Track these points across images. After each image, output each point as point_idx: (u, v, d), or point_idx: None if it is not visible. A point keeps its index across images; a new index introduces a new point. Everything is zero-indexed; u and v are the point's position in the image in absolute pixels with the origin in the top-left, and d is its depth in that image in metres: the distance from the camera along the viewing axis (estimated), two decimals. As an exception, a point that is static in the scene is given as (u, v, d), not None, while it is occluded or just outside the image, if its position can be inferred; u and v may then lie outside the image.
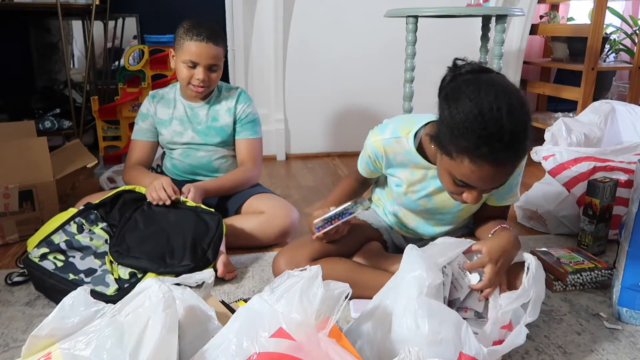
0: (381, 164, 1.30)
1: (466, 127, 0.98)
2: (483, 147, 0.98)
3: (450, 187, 1.11)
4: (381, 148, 1.27)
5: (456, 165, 1.04)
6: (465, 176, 1.04)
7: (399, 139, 1.25)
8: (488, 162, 0.99)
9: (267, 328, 0.82)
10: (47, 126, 2.69)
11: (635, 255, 1.22)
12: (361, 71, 2.92)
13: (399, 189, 1.32)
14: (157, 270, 1.34)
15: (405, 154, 1.25)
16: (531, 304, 1.04)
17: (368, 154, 1.31)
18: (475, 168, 1.01)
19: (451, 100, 1.02)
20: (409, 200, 1.33)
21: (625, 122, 2.01)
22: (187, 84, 1.68)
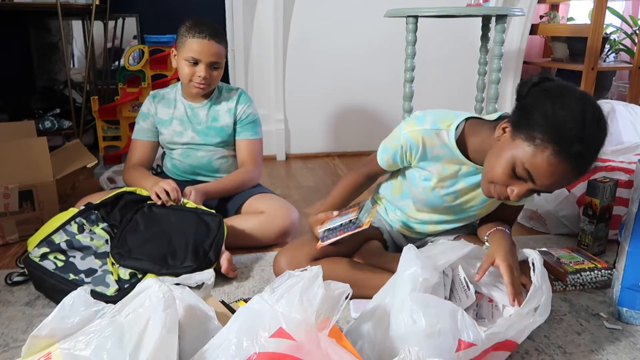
0: (413, 156, 1.26)
1: (567, 121, 1.00)
2: (576, 145, 1.00)
3: (502, 176, 1.08)
4: (419, 138, 1.22)
5: (532, 153, 1.03)
6: (535, 166, 1.03)
7: (439, 131, 1.21)
8: (569, 161, 1.01)
9: (267, 328, 0.82)
10: (47, 126, 2.69)
11: (635, 255, 1.22)
12: (361, 71, 2.92)
13: (426, 183, 1.28)
14: (159, 272, 1.34)
15: (443, 147, 1.22)
16: (543, 303, 1.03)
17: (400, 144, 1.25)
18: (553, 161, 1.01)
19: (555, 95, 1.04)
20: (436, 195, 1.29)
21: (625, 122, 2.01)
22: (188, 82, 1.68)
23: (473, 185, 1.27)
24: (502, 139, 1.11)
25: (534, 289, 1.04)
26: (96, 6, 2.56)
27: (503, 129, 1.11)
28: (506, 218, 1.34)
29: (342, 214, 1.30)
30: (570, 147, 1.00)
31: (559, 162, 1.01)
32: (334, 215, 1.32)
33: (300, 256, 1.34)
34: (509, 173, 1.07)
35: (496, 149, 1.11)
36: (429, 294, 0.97)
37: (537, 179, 1.05)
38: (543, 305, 1.03)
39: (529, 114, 1.05)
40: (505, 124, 1.11)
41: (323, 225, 1.32)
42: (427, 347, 0.89)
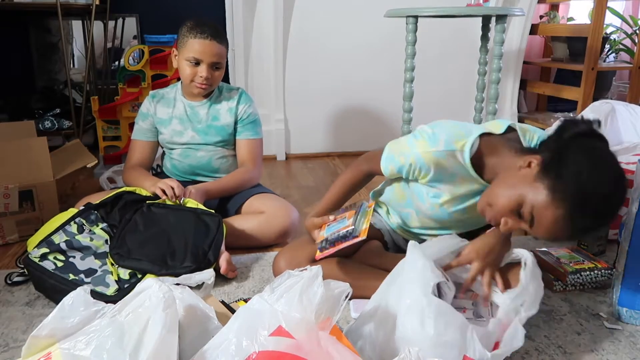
0: (422, 174, 1.21)
1: (595, 194, 0.99)
2: (589, 220, 1.01)
3: (505, 207, 1.06)
4: (432, 161, 1.16)
5: (546, 204, 1.00)
6: (542, 216, 1.01)
7: (453, 152, 1.15)
8: (573, 228, 1.01)
9: (267, 327, 0.82)
10: (47, 126, 2.69)
11: (635, 255, 1.22)
12: (361, 71, 2.92)
13: (435, 200, 1.25)
14: (158, 272, 1.34)
15: (458, 168, 1.17)
16: (529, 299, 1.04)
17: (409, 162, 1.20)
18: (560, 221, 1.00)
19: (595, 162, 1.02)
20: (443, 212, 1.26)
21: (625, 122, 2.00)
22: (190, 82, 1.68)
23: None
24: (523, 172, 1.06)
25: (520, 286, 1.04)
26: (96, 6, 2.56)
27: (529, 163, 1.06)
28: None
29: (339, 219, 1.28)
30: (583, 218, 1.00)
31: (564, 225, 1.01)
32: (331, 219, 1.30)
33: (300, 257, 1.34)
34: (513, 208, 1.05)
35: (512, 178, 1.08)
36: (443, 302, 0.96)
37: (537, 226, 1.04)
38: (529, 302, 1.04)
39: (563, 166, 1.01)
40: (533, 159, 1.07)
41: (321, 230, 1.30)
42: (430, 355, 0.89)
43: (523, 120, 3.24)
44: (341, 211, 1.36)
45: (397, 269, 1.07)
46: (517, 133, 1.18)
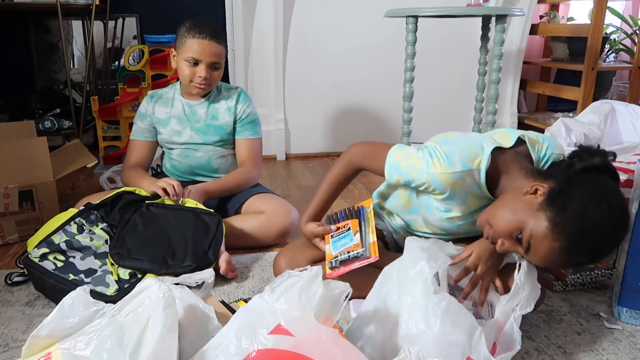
0: (436, 193, 1.18)
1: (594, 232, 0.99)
2: (585, 257, 1.03)
3: (504, 230, 1.06)
4: (449, 183, 1.13)
5: (544, 235, 1.01)
6: (538, 245, 1.02)
7: (470, 172, 1.12)
8: (568, 260, 1.03)
9: (266, 325, 0.82)
10: (47, 126, 2.69)
11: (635, 255, 1.22)
12: (361, 71, 2.92)
13: (444, 214, 1.23)
14: (158, 272, 1.34)
15: (472, 187, 1.15)
16: (524, 299, 1.04)
17: (423, 181, 1.16)
18: (556, 253, 1.01)
19: (601, 199, 1.02)
20: (452, 224, 1.25)
21: (625, 122, 2.01)
22: (189, 82, 1.68)
23: None
24: (528, 199, 1.06)
25: (515, 287, 1.05)
26: (96, 6, 2.56)
27: (536, 190, 1.06)
28: None
29: (343, 231, 1.26)
30: (579, 254, 1.01)
31: (559, 256, 1.02)
32: (333, 229, 1.29)
33: (300, 258, 1.33)
34: (512, 233, 1.05)
35: (516, 202, 1.07)
36: (454, 300, 0.96)
37: (532, 253, 1.04)
38: (524, 301, 1.04)
39: (568, 200, 1.01)
40: (540, 186, 1.06)
41: (325, 242, 1.28)
42: (432, 354, 0.89)
43: (523, 120, 3.24)
44: (340, 218, 1.33)
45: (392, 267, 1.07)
46: (527, 146, 1.17)
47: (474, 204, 1.19)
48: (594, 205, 1.00)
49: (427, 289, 0.95)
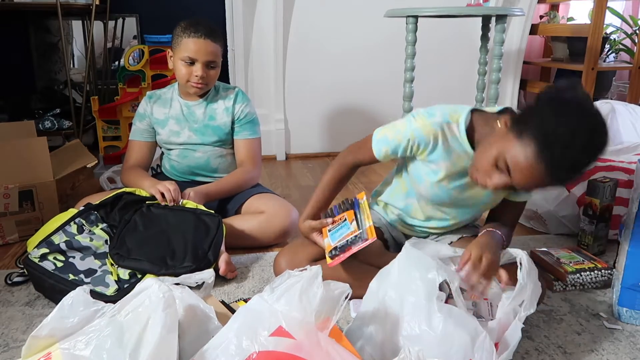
0: (421, 150, 1.24)
1: (559, 128, 1.01)
2: (557, 151, 1.01)
3: (486, 164, 1.11)
4: (430, 132, 1.22)
5: (516, 149, 1.05)
6: (515, 162, 1.06)
7: (449, 124, 1.22)
8: (546, 165, 1.03)
9: (267, 327, 0.82)
10: (47, 126, 2.69)
11: (635, 255, 1.22)
12: (361, 71, 2.92)
13: (433, 177, 1.27)
14: (158, 272, 1.34)
15: (453, 140, 1.23)
16: (527, 300, 1.04)
17: (408, 138, 1.24)
18: (532, 161, 1.04)
19: (562, 103, 1.04)
20: (442, 189, 1.28)
21: (625, 122, 2.01)
22: (186, 82, 1.68)
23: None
24: (500, 131, 1.13)
25: (519, 286, 1.04)
26: (96, 6, 2.56)
27: (505, 122, 1.13)
28: (507, 218, 1.34)
29: (339, 222, 1.29)
30: (552, 152, 1.02)
31: (536, 164, 1.03)
32: (329, 222, 1.31)
33: (301, 257, 1.34)
34: (493, 163, 1.10)
35: (492, 138, 1.14)
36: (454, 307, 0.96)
37: (514, 174, 1.08)
38: (527, 301, 1.04)
39: (531, 114, 1.07)
40: (507, 118, 1.13)
41: (323, 236, 1.31)
42: (433, 354, 0.89)
43: (523, 120, 3.23)
44: (335, 212, 1.36)
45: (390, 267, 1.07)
46: (513, 110, 1.21)
47: (457, 164, 1.24)
48: (557, 108, 1.03)
49: (432, 291, 0.95)
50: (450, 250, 1.16)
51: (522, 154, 1.04)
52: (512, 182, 1.09)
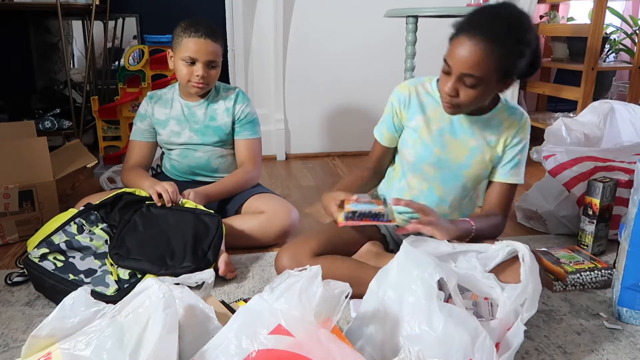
0: (402, 109, 1.41)
1: (476, 13, 1.24)
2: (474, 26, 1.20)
3: (441, 75, 1.27)
4: (406, 89, 1.41)
5: (450, 47, 1.24)
6: (449, 53, 1.23)
7: (423, 82, 1.42)
8: (463, 35, 1.20)
9: (266, 325, 0.82)
10: (47, 126, 2.69)
11: (635, 255, 1.22)
12: (361, 71, 2.92)
13: (414, 135, 1.40)
14: (157, 272, 1.34)
15: (427, 95, 1.40)
16: (528, 299, 1.04)
17: (391, 103, 1.42)
18: (456, 42, 1.22)
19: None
20: (424, 146, 1.39)
21: (625, 122, 2.01)
22: (187, 82, 1.68)
23: (457, 137, 1.38)
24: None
25: (521, 286, 1.04)
26: (96, 6, 2.56)
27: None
28: (494, 203, 1.40)
29: (363, 202, 1.28)
30: (470, 27, 1.20)
31: (463, 41, 1.20)
32: (354, 198, 1.29)
33: (302, 252, 1.34)
34: (444, 70, 1.26)
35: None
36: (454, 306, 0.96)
37: (451, 64, 1.22)
38: (529, 300, 1.03)
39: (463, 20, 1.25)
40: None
41: (345, 205, 1.29)
42: (433, 354, 0.89)
43: (523, 120, 3.24)
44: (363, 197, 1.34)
45: (389, 267, 1.07)
46: None
47: (433, 115, 1.39)
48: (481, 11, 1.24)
49: (431, 290, 0.95)
50: (449, 247, 1.15)
51: (452, 44, 1.23)
52: (455, 75, 1.21)
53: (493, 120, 1.39)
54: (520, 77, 1.29)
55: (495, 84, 1.24)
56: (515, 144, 1.39)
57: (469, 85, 1.22)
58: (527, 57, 1.22)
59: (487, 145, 1.38)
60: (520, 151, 1.39)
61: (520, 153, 1.40)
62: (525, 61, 1.23)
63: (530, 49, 1.21)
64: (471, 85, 1.21)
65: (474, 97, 1.23)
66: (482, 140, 1.38)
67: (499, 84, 1.25)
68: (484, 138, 1.38)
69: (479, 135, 1.38)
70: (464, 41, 1.19)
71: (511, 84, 1.28)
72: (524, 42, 1.19)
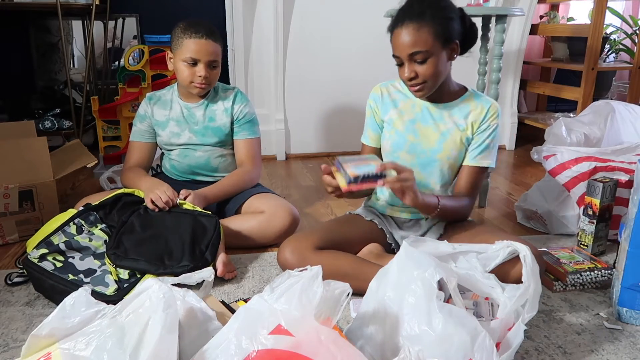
0: (378, 109, 1.51)
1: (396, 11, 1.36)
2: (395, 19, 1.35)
3: (399, 71, 1.37)
4: (378, 90, 1.52)
5: (392, 44, 1.36)
6: (394, 47, 1.36)
7: (393, 82, 1.53)
8: (397, 27, 1.33)
9: (266, 325, 0.82)
10: (47, 126, 2.69)
11: (635, 255, 1.22)
12: (361, 71, 2.92)
13: (389, 127, 1.49)
14: (155, 272, 1.34)
15: (397, 92, 1.51)
16: (529, 300, 1.04)
17: (369, 106, 1.53)
18: (393, 37, 1.35)
19: None
20: (398, 134, 1.47)
21: (625, 122, 2.00)
22: (189, 83, 1.67)
23: (427, 125, 1.46)
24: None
25: (523, 287, 1.04)
26: (96, 6, 2.56)
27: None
28: (461, 185, 1.47)
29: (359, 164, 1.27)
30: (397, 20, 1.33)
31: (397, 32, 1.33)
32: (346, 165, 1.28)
33: (305, 246, 1.34)
34: (397, 66, 1.37)
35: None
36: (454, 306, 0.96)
37: (398, 54, 1.34)
38: (530, 301, 1.03)
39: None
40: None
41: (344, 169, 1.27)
42: (433, 354, 0.89)
43: (523, 120, 3.24)
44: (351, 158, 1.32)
45: (389, 267, 1.07)
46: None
47: (405, 108, 1.48)
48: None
49: (431, 290, 0.95)
50: (450, 247, 1.15)
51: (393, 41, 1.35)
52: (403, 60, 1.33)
53: (461, 107, 1.46)
54: (464, 42, 1.41)
55: (442, 50, 1.33)
56: (484, 129, 1.45)
57: (421, 61, 1.32)
58: (456, 21, 1.36)
59: (457, 128, 1.45)
60: (489, 136, 1.45)
61: (490, 138, 1.45)
62: (457, 24, 1.36)
63: (455, 14, 1.36)
64: (422, 60, 1.32)
65: (431, 70, 1.33)
66: (451, 124, 1.45)
67: (446, 50, 1.35)
68: (454, 122, 1.45)
69: (449, 120, 1.45)
70: (398, 32, 1.33)
71: (457, 48, 1.38)
72: (445, 8, 1.34)
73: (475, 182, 1.47)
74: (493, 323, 1.02)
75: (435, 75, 1.35)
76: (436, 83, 1.38)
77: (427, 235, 1.48)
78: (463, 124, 1.45)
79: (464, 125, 1.44)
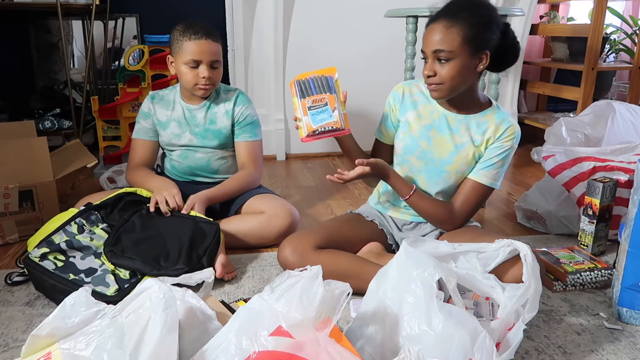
0: (397, 106, 1.49)
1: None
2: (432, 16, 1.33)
3: (424, 66, 1.34)
4: (401, 88, 1.49)
5: (423, 40, 1.33)
6: (423, 43, 1.32)
7: (417, 83, 1.49)
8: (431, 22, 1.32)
9: (267, 327, 0.82)
10: (47, 126, 2.69)
11: (635, 255, 1.22)
12: (361, 71, 2.92)
13: (405, 128, 1.47)
14: (150, 272, 1.34)
15: (419, 94, 1.47)
16: (530, 300, 1.04)
17: (388, 103, 1.51)
18: (425, 33, 1.33)
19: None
20: (412, 139, 1.45)
21: (625, 122, 2.01)
22: (193, 86, 1.66)
23: (442, 134, 1.42)
24: None
25: (524, 287, 1.04)
26: (96, 6, 2.56)
27: None
28: (458, 198, 1.43)
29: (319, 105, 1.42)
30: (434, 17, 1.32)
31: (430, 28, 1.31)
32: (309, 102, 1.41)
33: (305, 245, 1.35)
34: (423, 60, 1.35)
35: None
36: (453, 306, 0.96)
37: (424, 50, 1.32)
38: (531, 301, 1.03)
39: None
40: None
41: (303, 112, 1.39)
42: (433, 353, 0.89)
43: (523, 120, 3.24)
44: (312, 89, 1.46)
45: (388, 267, 1.07)
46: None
47: (424, 112, 1.45)
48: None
49: (431, 290, 0.95)
50: (449, 247, 1.15)
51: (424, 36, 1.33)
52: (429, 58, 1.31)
53: (481, 122, 1.41)
54: (501, 58, 1.35)
55: (469, 57, 1.29)
56: (496, 147, 1.40)
57: (443, 60, 1.29)
58: (493, 31, 1.30)
59: (472, 143, 1.41)
60: (498, 155, 1.40)
61: (498, 157, 1.40)
62: (493, 35, 1.30)
63: (496, 25, 1.30)
64: (445, 59, 1.29)
65: (451, 73, 1.29)
66: (467, 137, 1.41)
67: (474, 58, 1.30)
68: (470, 136, 1.41)
69: (465, 133, 1.41)
70: (431, 28, 1.31)
71: (487, 60, 1.31)
72: (482, 14, 1.29)
73: (469, 197, 1.41)
74: (493, 323, 1.02)
75: (453, 79, 1.30)
76: (453, 88, 1.32)
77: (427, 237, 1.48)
78: (479, 139, 1.40)
79: (480, 140, 1.40)
